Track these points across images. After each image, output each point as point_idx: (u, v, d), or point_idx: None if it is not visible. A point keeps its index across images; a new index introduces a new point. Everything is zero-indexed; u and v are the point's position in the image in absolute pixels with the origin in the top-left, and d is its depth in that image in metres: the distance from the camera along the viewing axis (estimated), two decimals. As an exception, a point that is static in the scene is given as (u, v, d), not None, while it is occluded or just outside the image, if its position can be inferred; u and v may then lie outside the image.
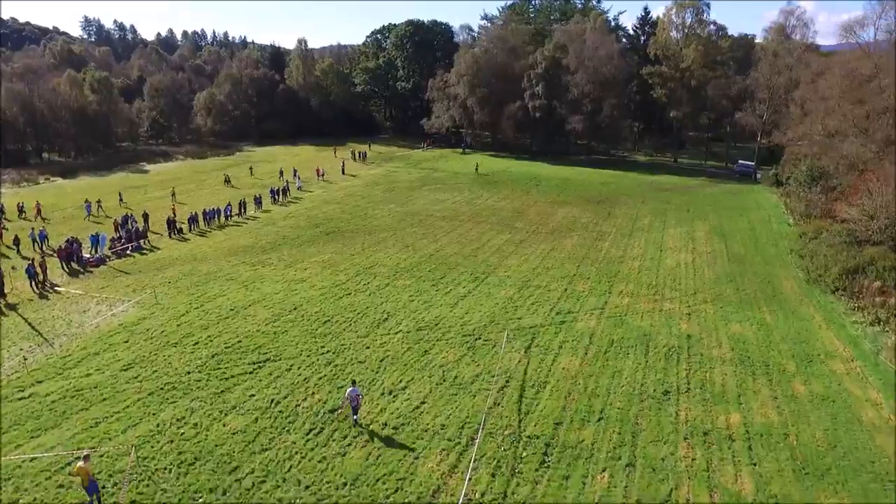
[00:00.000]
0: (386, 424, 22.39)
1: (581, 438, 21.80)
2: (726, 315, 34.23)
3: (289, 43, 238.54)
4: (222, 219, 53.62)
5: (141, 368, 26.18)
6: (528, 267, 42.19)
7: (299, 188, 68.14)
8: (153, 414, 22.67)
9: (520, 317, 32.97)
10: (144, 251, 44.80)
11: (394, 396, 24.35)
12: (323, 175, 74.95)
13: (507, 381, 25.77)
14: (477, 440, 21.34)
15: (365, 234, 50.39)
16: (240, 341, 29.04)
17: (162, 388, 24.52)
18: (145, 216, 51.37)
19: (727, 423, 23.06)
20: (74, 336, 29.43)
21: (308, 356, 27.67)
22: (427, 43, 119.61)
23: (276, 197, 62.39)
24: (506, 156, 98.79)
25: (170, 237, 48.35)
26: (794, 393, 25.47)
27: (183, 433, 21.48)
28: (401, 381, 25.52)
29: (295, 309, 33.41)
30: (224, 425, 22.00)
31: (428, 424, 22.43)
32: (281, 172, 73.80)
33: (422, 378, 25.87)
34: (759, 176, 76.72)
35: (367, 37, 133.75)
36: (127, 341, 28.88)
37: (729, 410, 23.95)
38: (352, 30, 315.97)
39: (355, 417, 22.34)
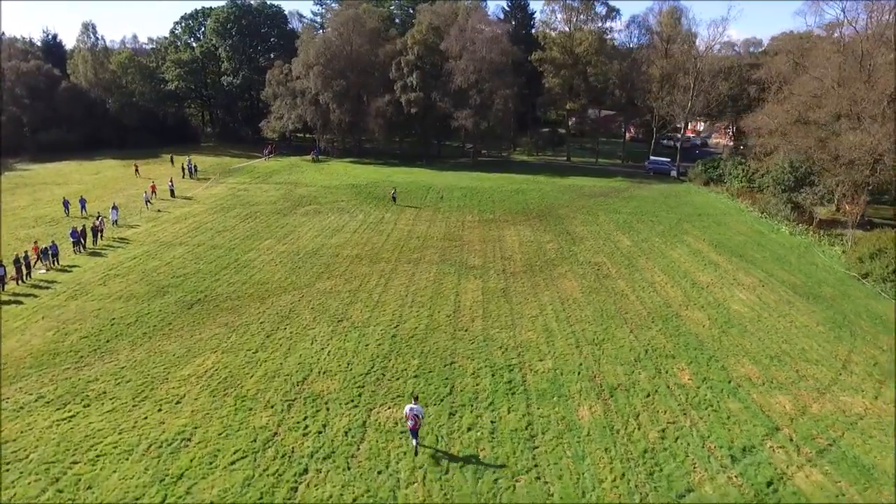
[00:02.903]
0: None
1: None
2: (948, 409, 21.03)
3: (66, 38, 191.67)
4: (-14, 295, 30.63)
5: None
6: (565, 343, 26.10)
7: (115, 223, 45.24)
8: None
9: (681, 474, 16.71)
10: None
11: None
12: (150, 199, 51.83)
13: None
14: None
15: (255, 300, 30.77)
16: None
17: None
18: None
19: None
20: None
21: None
22: (255, 29, 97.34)
23: (82, 243, 39.31)
24: (372, 162, 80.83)
25: None
26: None
27: None
28: None
29: (208, 554, 14.07)
30: None
31: None
32: (65, 204, 48.54)
33: None
34: (683, 173, 67.29)
35: (177, 23, 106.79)
36: None
37: None
38: (147, 24, 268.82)
39: (416, 442, 17.44)
